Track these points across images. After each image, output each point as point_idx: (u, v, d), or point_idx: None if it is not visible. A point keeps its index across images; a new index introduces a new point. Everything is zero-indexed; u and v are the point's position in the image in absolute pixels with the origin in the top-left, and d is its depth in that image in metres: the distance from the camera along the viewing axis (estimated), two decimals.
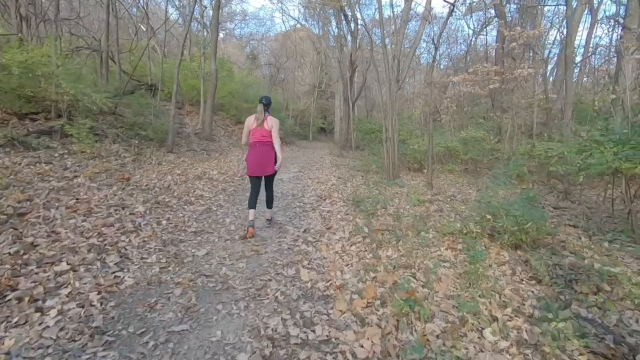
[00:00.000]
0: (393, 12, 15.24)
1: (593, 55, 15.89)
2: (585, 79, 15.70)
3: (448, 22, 8.02)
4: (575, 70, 15.61)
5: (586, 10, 12.31)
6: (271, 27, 39.22)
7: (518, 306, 2.41)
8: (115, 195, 4.15)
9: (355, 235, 3.93)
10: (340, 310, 2.30)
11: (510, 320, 2.20)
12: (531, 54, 14.01)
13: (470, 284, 2.70)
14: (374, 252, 3.48)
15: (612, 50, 14.48)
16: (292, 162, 10.71)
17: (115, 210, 3.66)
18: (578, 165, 4.13)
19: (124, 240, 3.00)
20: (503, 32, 11.24)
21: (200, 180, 6.03)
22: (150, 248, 2.99)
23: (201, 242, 3.34)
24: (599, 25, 15.28)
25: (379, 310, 2.31)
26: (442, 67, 26.57)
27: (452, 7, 6.85)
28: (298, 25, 24.35)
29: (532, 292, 2.64)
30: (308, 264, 3.03)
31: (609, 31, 17.23)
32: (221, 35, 28.64)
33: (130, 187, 4.66)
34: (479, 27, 18.37)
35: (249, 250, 3.23)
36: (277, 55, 26.91)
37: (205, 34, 15.53)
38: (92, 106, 6.72)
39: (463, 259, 3.42)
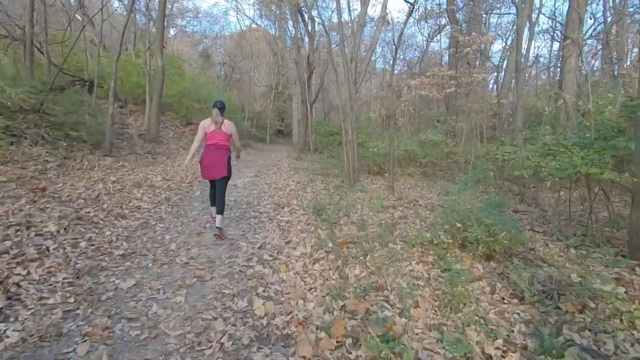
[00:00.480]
0: (350, 15, 15.20)
1: (534, 65, 17.03)
2: (526, 87, 16.70)
3: (406, 24, 7.92)
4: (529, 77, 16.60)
5: (527, 24, 13.14)
6: (225, 25, 37.83)
7: (507, 334, 2.10)
8: (22, 210, 3.34)
9: (318, 250, 3.49)
10: (304, 357, 1.83)
11: (504, 357, 1.87)
12: (478, 63, 14.62)
13: (451, 309, 2.36)
14: (340, 270, 3.06)
15: (553, 59, 15.52)
16: (247, 166, 10.07)
17: (17, 230, 2.89)
18: (543, 169, 4.02)
19: (18, 274, 2.29)
20: (457, 37, 11.50)
21: (140, 188, 5.26)
22: (57, 282, 2.31)
23: (130, 268, 2.69)
24: (537, 37, 16.33)
25: (351, 353, 1.87)
26: (395, 71, 27.23)
27: (412, 8, 6.72)
28: (254, 25, 23.60)
29: (518, 314, 2.35)
30: (264, 291, 2.52)
31: (547, 42, 18.41)
32: (172, 32, 27.07)
33: (45, 199, 3.84)
34: (431, 33, 18.96)
35: (191, 276, 2.65)
36: (231, 55, 25.87)
37: (152, 29, 14.33)
38: (7, 102, 5.70)
39: (437, 274, 3.10)
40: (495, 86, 14.09)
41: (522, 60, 9.24)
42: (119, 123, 10.85)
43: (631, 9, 11.69)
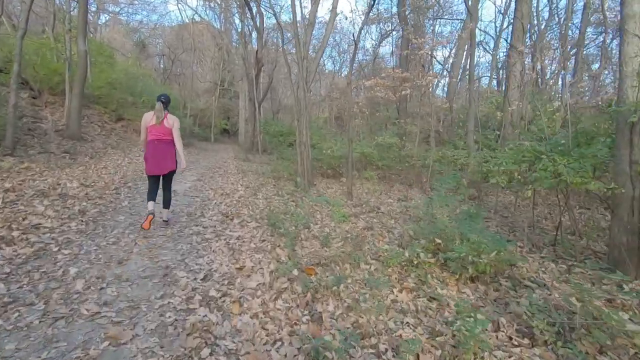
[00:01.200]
0: (302, 13, 14.62)
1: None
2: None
3: (367, 16, 7.56)
4: (460, 84, 17.40)
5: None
6: (164, 14, 35.07)
7: None
8: None
9: (280, 279, 2.81)
10: None
11: None
12: (423, 67, 14.90)
13: None
14: (310, 308, 2.42)
15: (488, 68, 16.46)
16: (189, 168, 8.96)
17: None
18: (519, 177, 3.75)
19: None
20: (408, 39, 11.48)
21: (45, 199, 4.12)
22: None
23: None
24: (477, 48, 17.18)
25: None
26: (345, 72, 27.45)
27: (372, 2, 6.32)
28: (197, 17, 21.99)
29: None
30: (211, 353, 1.79)
31: (480, 53, 19.40)
32: (103, 18, 24.32)
33: None
34: (382, 36, 19.15)
35: (100, 338, 1.82)
36: (171, 47, 23.86)
37: (74, 9, 12.41)
38: None
39: (424, 304, 2.60)
40: (446, 90, 14.46)
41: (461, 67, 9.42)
42: (30, 116, 9.14)
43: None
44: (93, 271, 2.57)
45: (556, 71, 13.32)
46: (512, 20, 15.19)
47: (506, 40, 11.70)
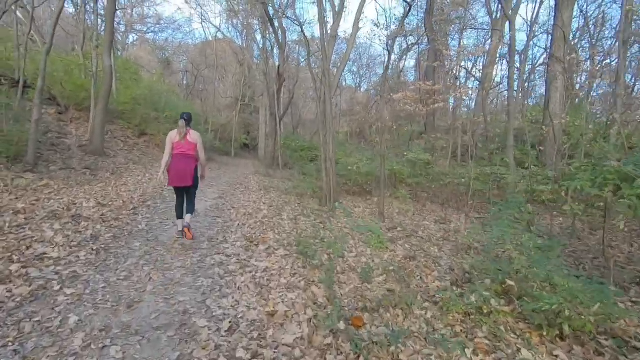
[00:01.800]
0: (325, 28, 14.41)
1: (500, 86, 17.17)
2: (491, 105, 16.71)
3: (403, 23, 7.16)
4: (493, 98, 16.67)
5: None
6: (189, 32, 35.89)
7: None
8: None
9: (320, 331, 2.27)
10: None
11: None
12: (456, 79, 14.31)
13: None
14: None
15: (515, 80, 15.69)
16: (210, 185, 8.63)
17: None
18: (600, 204, 3.12)
19: None
20: (436, 51, 10.98)
21: (57, 221, 3.76)
22: None
23: None
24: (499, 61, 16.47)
25: None
26: (365, 88, 27.37)
27: (409, 8, 5.91)
28: (219, 35, 22.37)
29: None
30: None
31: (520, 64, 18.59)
32: (131, 38, 25.13)
33: None
34: (404, 50, 18.80)
35: None
36: (195, 63, 24.27)
37: (103, 30, 12.61)
38: None
39: None
40: (472, 103, 13.78)
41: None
42: (55, 131, 9.11)
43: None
44: (97, 319, 2.11)
45: (587, 82, 12.50)
46: (536, 33, 14.50)
47: (546, 50, 10.99)
